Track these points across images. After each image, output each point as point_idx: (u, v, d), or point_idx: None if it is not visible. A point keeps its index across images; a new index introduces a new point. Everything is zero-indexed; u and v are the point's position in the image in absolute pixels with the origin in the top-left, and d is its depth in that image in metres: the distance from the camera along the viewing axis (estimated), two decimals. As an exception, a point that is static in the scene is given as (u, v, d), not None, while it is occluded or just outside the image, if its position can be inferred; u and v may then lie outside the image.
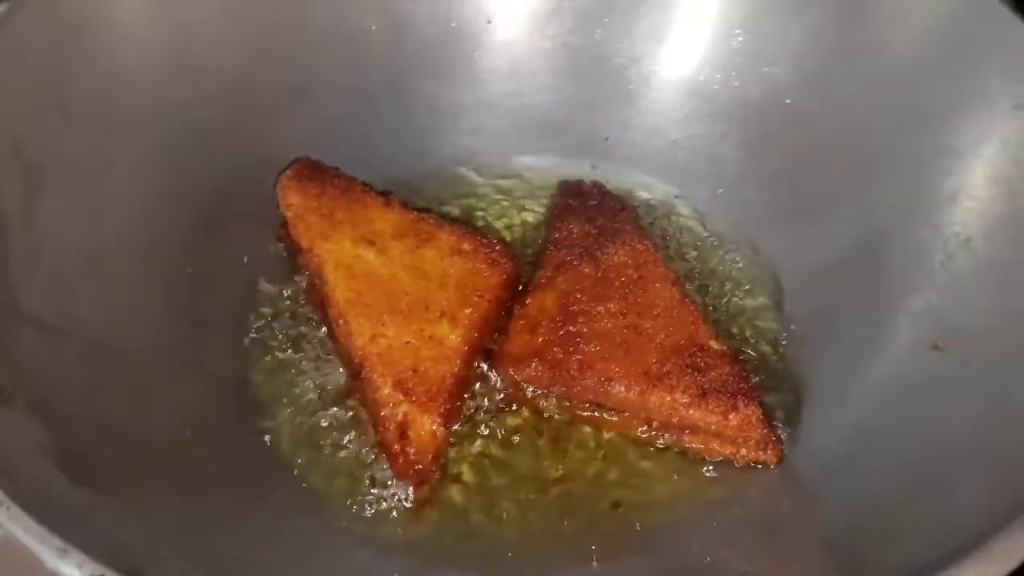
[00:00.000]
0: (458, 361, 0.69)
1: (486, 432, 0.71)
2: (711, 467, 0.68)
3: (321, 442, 0.69)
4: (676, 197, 0.86)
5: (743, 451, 0.67)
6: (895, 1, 0.77)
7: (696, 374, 0.67)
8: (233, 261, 0.79)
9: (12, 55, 0.66)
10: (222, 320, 0.75)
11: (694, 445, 0.68)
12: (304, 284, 0.78)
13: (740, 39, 0.84)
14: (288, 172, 0.78)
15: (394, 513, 0.66)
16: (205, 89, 0.78)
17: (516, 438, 0.70)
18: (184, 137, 0.77)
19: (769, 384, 0.72)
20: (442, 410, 0.66)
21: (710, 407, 0.66)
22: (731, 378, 0.67)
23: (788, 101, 0.82)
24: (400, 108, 0.87)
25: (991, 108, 0.68)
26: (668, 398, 0.67)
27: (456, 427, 0.70)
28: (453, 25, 0.87)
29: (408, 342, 0.69)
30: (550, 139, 0.89)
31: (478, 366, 0.73)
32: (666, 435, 0.69)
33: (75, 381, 0.61)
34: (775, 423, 0.68)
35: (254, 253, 0.80)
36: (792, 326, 0.76)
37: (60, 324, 0.62)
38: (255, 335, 0.75)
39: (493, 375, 0.73)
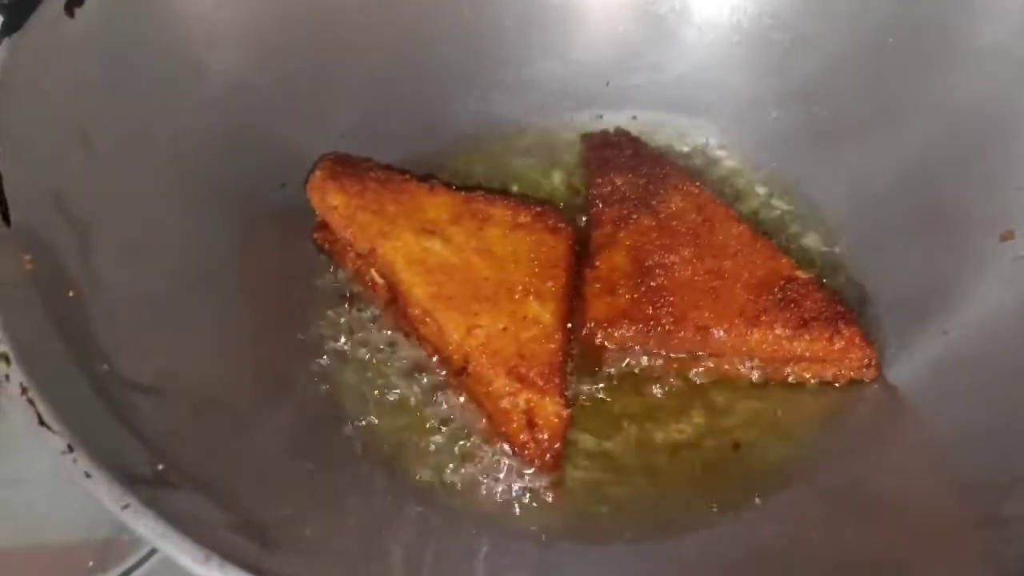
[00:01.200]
0: (558, 336, 0.68)
1: (588, 402, 0.70)
2: (815, 389, 0.70)
3: (432, 445, 0.67)
4: (691, 131, 0.86)
5: (845, 370, 0.69)
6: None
7: (792, 306, 0.69)
8: (274, 274, 0.74)
9: (27, 95, 0.59)
10: (287, 336, 0.71)
11: (796, 373, 0.70)
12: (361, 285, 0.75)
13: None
14: (318, 172, 0.74)
15: (530, 502, 0.65)
16: (207, 94, 0.72)
17: (620, 404, 0.70)
18: (198, 150, 0.71)
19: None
20: (560, 389, 0.66)
21: (813, 335, 0.68)
22: (826, 303, 0.69)
23: (792, 23, 0.83)
24: (404, 85, 0.83)
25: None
26: (770, 335, 0.68)
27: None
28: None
29: (505, 328, 0.67)
30: (557, 93, 0.87)
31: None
32: (769, 368, 0.70)
33: (195, 438, 0.56)
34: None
35: (292, 260, 0.75)
36: (847, 247, 0.77)
37: (159, 383, 0.58)
38: (321, 346, 0.72)
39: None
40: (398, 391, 0.69)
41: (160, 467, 0.50)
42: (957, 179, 0.73)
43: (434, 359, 0.70)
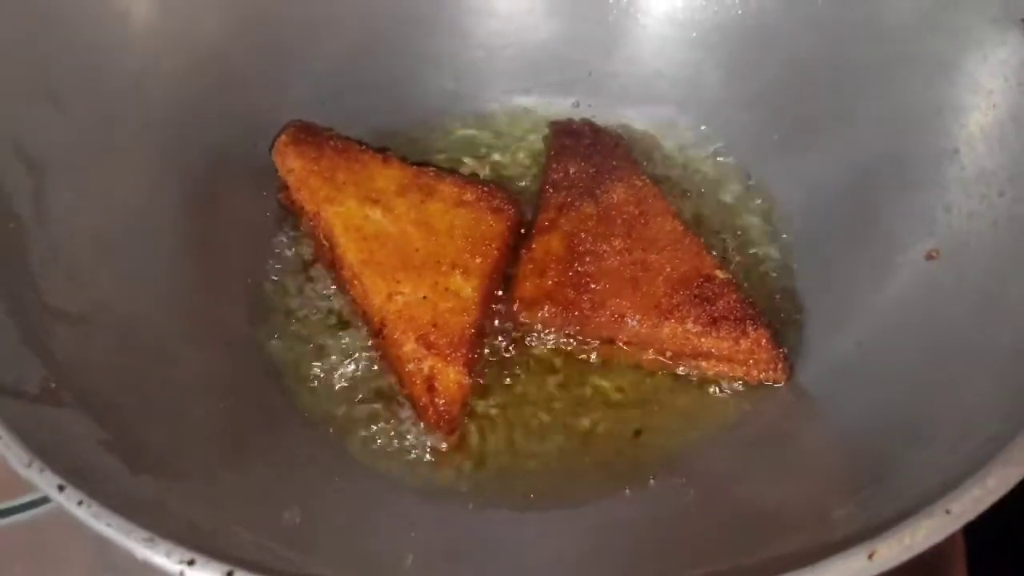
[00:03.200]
0: (475, 311, 0.71)
1: (504, 377, 0.73)
2: (723, 389, 0.72)
3: (349, 397, 0.72)
4: (663, 126, 0.88)
5: (754, 372, 0.70)
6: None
7: (705, 303, 0.70)
8: (236, 227, 0.79)
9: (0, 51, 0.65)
10: (235, 287, 0.76)
11: (706, 370, 0.72)
12: (310, 243, 0.79)
13: (715, -35, 0.85)
14: (283, 137, 0.79)
15: (428, 459, 0.69)
16: (189, 59, 0.78)
17: (533, 379, 0.73)
18: (174, 110, 0.77)
19: (772, 307, 0.75)
20: (465, 360, 0.69)
21: (721, 334, 0.69)
22: (738, 305, 0.70)
23: (766, 22, 0.83)
24: (383, 59, 0.87)
25: (970, 22, 0.70)
26: (680, 328, 0.70)
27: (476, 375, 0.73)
28: (430, -29, 0.87)
29: (425, 297, 0.71)
30: (533, 78, 0.90)
31: (492, 312, 0.75)
32: (679, 362, 0.72)
33: (110, 369, 0.62)
34: (781, 344, 0.71)
35: (255, 217, 0.81)
36: (791, 249, 0.78)
37: (86, 313, 0.63)
38: (269, 298, 0.77)
39: (505, 320, 0.76)
40: (322, 345, 0.74)
41: (52, 384, 0.55)
42: (897, 192, 0.72)
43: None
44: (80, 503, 0.44)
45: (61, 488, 0.45)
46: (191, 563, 0.43)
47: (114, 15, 0.74)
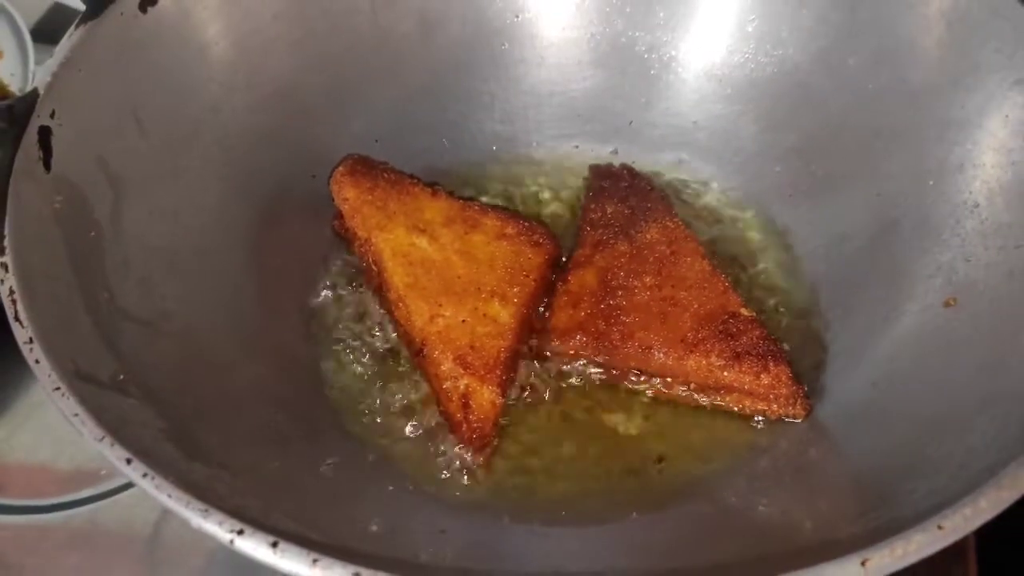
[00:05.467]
0: (510, 336, 0.75)
1: (536, 400, 0.77)
2: (744, 422, 0.75)
3: (389, 413, 0.76)
4: (698, 175, 0.92)
5: (774, 406, 0.73)
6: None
7: (729, 339, 0.74)
8: (293, 250, 0.85)
9: (92, 75, 0.72)
10: (289, 305, 0.82)
11: (728, 403, 0.75)
12: (363, 269, 0.84)
13: (755, 24, 0.90)
14: (341, 168, 0.85)
15: (460, 474, 0.73)
16: (259, 94, 0.85)
17: (563, 403, 0.77)
18: (244, 139, 0.83)
19: (795, 346, 0.78)
20: (499, 381, 0.73)
21: (743, 369, 0.73)
22: (761, 341, 0.73)
23: (800, 80, 0.88)
24: (436, 101, 0.93)
25: (992, 83, 0.74)
26: (704, 362, 0.74)
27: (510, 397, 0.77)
28: (483, 21, 0.93)
29: (464, 321, 0.76)
30: (577, 125, 0.95)
31: (527, 338, 0.79)
32: (703, 395, 0.76)
33: (171, 371, 0.67)
34: (802, 381, 0.74)
35: (312, 242, 0.87)
36: (814, 292, 0.82)
37: (152, 319, 0.69)
38: (320, 318, 0.82)
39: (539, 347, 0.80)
40: (368, 364, 0.79)
41: (121, 377, 0.61)
42: (919, 242, 0.76)
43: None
44: (144, 475, 0.49)
45: (128, 461, 0.50)
46: (240, 532, 0.47)
47: (196, 48, 0.80)
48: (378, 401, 0.77)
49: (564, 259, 0.84)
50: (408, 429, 0.75)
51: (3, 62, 1.00)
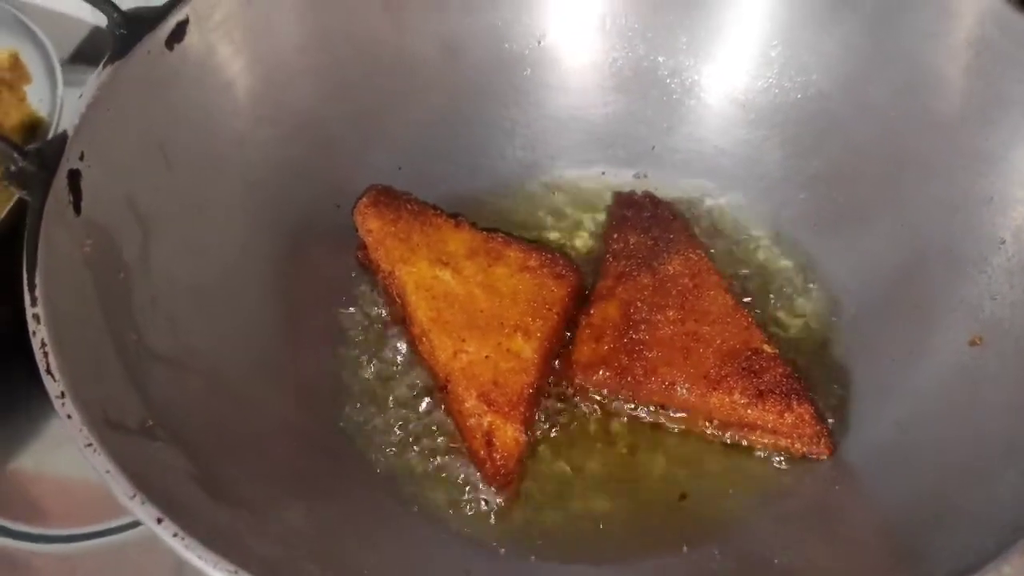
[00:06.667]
0: (534, 371, 0.76)
1: (559, 436, 0.78)
2: (767, 461, 0.75)
3: (413, 450, 0.76)
4: (721, 201, 0.92)
5: (797, 445, 0.73)
6: (924, 14, 0.81)
7: (752, 377, 0.74)
8: (317, 282, 0.85)
9: (119, 115, 0.72)
10: (314, 338, 0.82)
11: (752, 440, 0.75)
12: (383, 299, 0.85)
13: (777, 49, 0.89)
14: (364, 199, 0.85)
15: (484, 511, 0.73)
16: (284, 126, 0.85)
17: (585, 440, 0.77)
18: (269, 172, 0.83)
19: (818, 381, 0.78)
20: (523, 418, 0.74)
21: (766, 407, 0.73)
22: (784, 379, 0.73)
23: (824, 107, 0.87)
24: (458, 128, 0.93)
25: (1016, 114, 0.73)
26: (727, 399, 0.74)
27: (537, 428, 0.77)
28: (505, 47, 0.93)
29: (487, 356, 0.76)
30: (599, 150, 0.95)
31: (550, 373, 0.80)
32: (726, 431, 0.76)
33: (198, 410, 0.68)
34: (826, 419, 0.74)
35: (335, 273, 0.87)
36: (839, 327, 0.81)
37: (180, 358, 0.70)
38: (344, 351, 0.83)
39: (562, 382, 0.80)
40: (391, 396, 0.79)
41: (149, 423, 0.62)
42: (944, 277, 0.75)
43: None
44: (175, 535, 0.50)
45: (159, 520, 0.50)
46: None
47: (221, 83, 0.81)
48: (403, 437, 0.77)
49: (587, 291, 0.84)
50: (432, 467, 0.75)
51: (32, 87, 1.01)
